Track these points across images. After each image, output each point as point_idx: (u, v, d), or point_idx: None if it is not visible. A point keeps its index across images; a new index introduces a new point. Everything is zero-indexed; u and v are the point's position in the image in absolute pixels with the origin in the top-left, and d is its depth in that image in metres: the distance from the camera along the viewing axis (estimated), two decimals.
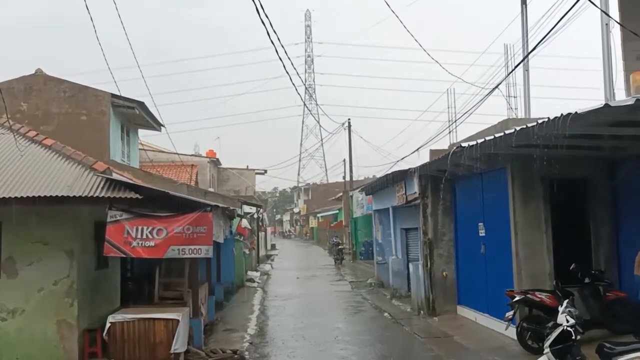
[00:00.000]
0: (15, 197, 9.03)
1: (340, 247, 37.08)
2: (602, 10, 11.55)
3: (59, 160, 10.78)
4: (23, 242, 9.82)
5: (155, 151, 28.68)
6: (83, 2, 9.17)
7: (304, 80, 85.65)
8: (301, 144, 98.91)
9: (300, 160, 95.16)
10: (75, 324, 9.86)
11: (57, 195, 9.11)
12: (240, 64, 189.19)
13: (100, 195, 9.35)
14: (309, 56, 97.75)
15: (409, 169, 16.07)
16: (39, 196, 9.07)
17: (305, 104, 64.26)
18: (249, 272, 26.65)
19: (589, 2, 8.83)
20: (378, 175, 30.35)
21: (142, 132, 22.82)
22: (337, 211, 53.98)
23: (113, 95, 17.77)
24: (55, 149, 11.18)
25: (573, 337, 6.89)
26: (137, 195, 9.44)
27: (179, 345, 9.91)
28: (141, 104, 18.72)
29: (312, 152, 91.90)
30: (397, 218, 19.96)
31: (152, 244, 9.87)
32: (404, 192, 16.87)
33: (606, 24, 12.89)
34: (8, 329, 9.72)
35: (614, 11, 13.90)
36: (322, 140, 77.44)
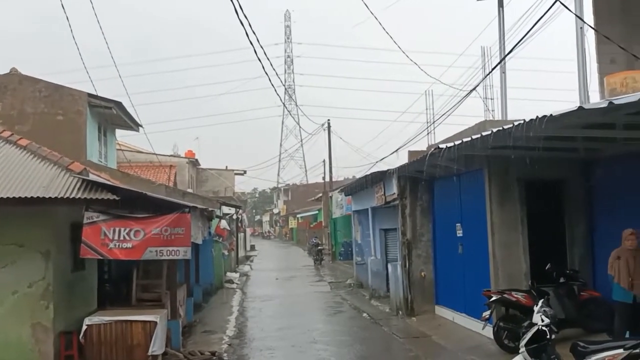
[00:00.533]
0: None
1: (319, 247, 37.11)
2: (576, 15, 11.74)
3: (35, 161, 10.62)
4: None
5: (133, 151, 28.45)
6: (58, 1, 9.07)
7: (283, 81, 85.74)
8: (281, 145, 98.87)
9: (280, 160, 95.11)
10: (51, 326, 9.71)
11: (32, 196, 8.98)
12: (219, 64, 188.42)
13: (77, 197, 9.24)
14: (288, 56, 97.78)
15: (388, 170, 16.15)
16: (14, 197, 8.93)
17: (284, 105, 64.32)
18: (228, 274, 26.54)
19: (564, 6, 8.96)
20: (358, 176, 30.47)
21: (119, 132, 22.63)
22: (317, 212, 54.00)
23: (90, 95, 17.58)
24: (30, 150, 11.01)
25: (548, 336, 6.98)
26: (114, 197, 9.35)
27: (156, 347, 9.84)
28: (118, 104, 18.55)
29: (291, 152, 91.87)
30: (376, 219, 20.05)
31: (129, 245, 9.78)
32: (383, 192, 16.96)
33: (581, 28, 13.09)
34: None
35: (589, 15, 14.13)
36: (301, 140, 77.43)
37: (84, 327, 9.77)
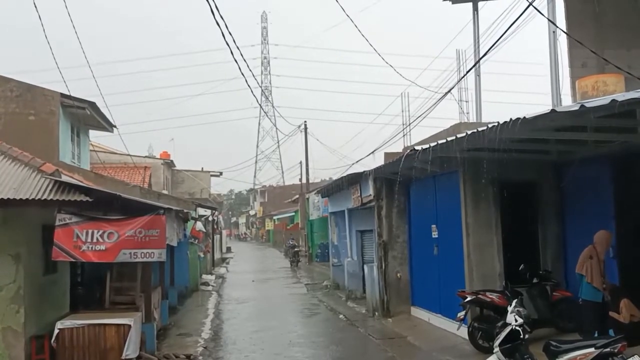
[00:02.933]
0: None
1: (296, 249, 37.05)
2: (548, 19, 11.92)
3: (5, 162, 10.43)
4: None
5: (106, 152, 28.09)
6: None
7: (260, 82, 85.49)
8: (257, 146, 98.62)
9: (256, 162, 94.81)
10: (22, 331, 9.55)
11: (2, 198, 8.82)
12: (195, 64, 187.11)
13: (49, 198, 9.10)
14: (265, 58, 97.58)
15: (364, 171, 16.21)
16: None
17: (261, 106, 64.16)
18: (204, 276, 26.36)
19: (537, 11, 9.09)
20: (334, 178, 30.54)
21: (93, 133, 22.34)
22: (294, 213, 53.96)
23: (63, 95, 17.30)
24: (0, 150, 10.82)
25: (521, 336, 7.07)
26: (87, 198, 9.23)
27: (130, 351, 9.73)
28: (92, 104, 18.31)
29: (268, 154, 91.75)
30: (352, 220, 20.09)
31: (102, 247, 9.68)
32: (359, 194, 17.01)
33: (553, 32, 13.31)
34: None
35: (561, 20, 14.38)
36: (278, 142, 77.36)
37: (56, 331, 9.63)
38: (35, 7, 9.43)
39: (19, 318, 9.55)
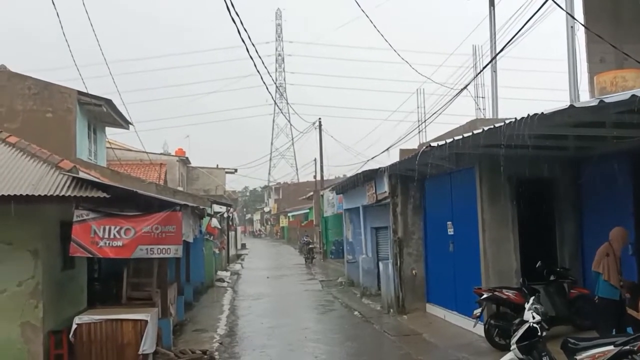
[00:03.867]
0: None
1: (310, 246, 37.11)
2: (567, 13, 11.79)
3: (24, 159, 10.52)
4: None
5: (123, 149, 28.29)
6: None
7: (274, 79, 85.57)
8: (272, 143, 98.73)
9: (270, 159, 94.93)
10: (40, 326, 9.63)
11: (21, 194, 8.90)
12: (210, 62, 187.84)
13: (66, 194, 9.16)
14: (279, 55, 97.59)
15: (379, 168, 16.17)
16: (2, 195, 8.84)
17: (276, 103, 64.16)
18: (219, 272, 26.49)
19: (555, 4, 8.99)
20: (349, 175, 30.43)
21: (109, 130, 22.51)
22: (308, 210, 54.01)
23: (79, 93, 17.45)
24: (19, 147, 10.91)
25: (539, 334, 7.01)
26: (105, 194, 9.28)
27: (147, 346, 9.78)
28: (108, 102, 18.45)
29: (282, 151, 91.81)
30: (367, 217, 20.06)
31: (119, 243, 9.73)
32: (374, 191, 16.97)
33: (571, 27, 13.15)
34: None
35: (579, 14, 14.20)
36: (292, 139, 77.40)
37: (74, 326, 9.68)
38: (55, 7, 9.51)
39: (37, 313, 9.63)
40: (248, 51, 11.22)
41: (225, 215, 32.28)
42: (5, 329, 9.50)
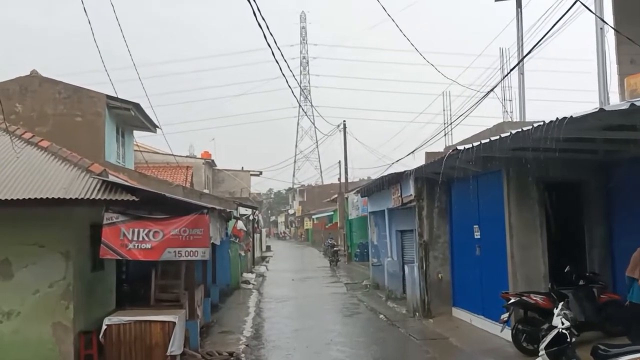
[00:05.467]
0: (12, 199, 9.01)
1: (335, 248, 37.07)
2: (596, 15, 11.63)
3: (55, 162, 10.74)
4: (19, 244, 9.76)
5: (150, 152, 28.65)
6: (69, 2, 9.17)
7: (299, 82, 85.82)
8: (296, 146, 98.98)
9: (295, 161, 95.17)
10: (71, 326, 9.82)
11: (53, 198, 9.09)
12: (235, 65, 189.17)
13: (97, 198, 9.33)
14: (304, 58, 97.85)
15: (405, 171, 16.12)
16: (35, 198, 9.05)
17: (300, 106, 64.30)
18: (245, 274, 26.64)
19: (585, 7, 8.88)
20: (373, 177, 30.44)
21: (136, 133, 22.79)
22: (332, 213, 54.01)
23: (108, 97, 17.72)
24: (51, 151, 11.15)
25: (568, 340, 6.95)
26: (134, 198, 9.43)
27: (175, 347, 9.90)
28: (137, 106, 18.68)
29: (307, 153, 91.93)
30: (392, 220, 20.00)
31: (148, 246, 9.87)
32: (399, 194, 16.92)
33: (601, 28, 12.99)
34: (3, 331, 9.66)
35: (609, 16, 14.01)
36: (317, 141, 77.36)
37: (104, 327, 9.85)
38: (86, 13, 9.68)
39: (68, 314, 9.82)
40: (274, 55, 11.28)
41: (251, 217, 32.47)
42: (37, 329, 9.71)
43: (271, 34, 10.44)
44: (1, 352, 9.59)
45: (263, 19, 9.89)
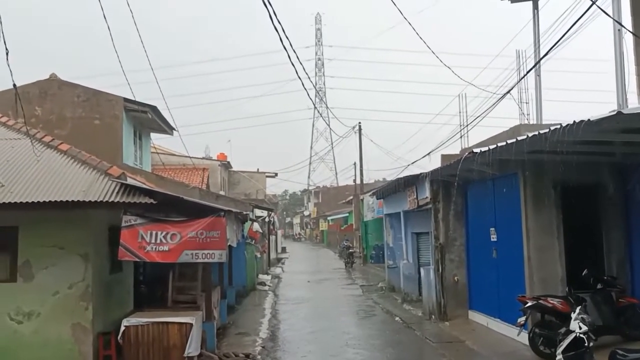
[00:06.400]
0: (32, 202, 9.16)
1: (350, 250, 37.04)
2: (614, 20, 11.54)
3: (75, 165, 10.89)
4: (39, 246, 9.93)
5: (166, 154, 28.87)
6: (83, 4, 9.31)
7: (314, 84, 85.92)
8: (311, 147, 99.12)
9: (310, 163, 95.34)
10: (90, 327, 9.95)
11: (73, 200, 9.22)
12: (252, 66, 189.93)
13: (116, 201, 9.45)
14: (319, 59, 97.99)
15: (421, 173, 16.09)
16: (55, 201, 9.18)
17: (315, 107, 64.39)
18: (260, 276, 26.75)
19: (601, 11, 8.82)
20: (388, 179, 30.37)
21: (153, 135, 22.98)
22: (348, 214, 54.02)
23: (126, 100, 17.92)
24: (70, 154, 11.30)
25: (586, 344, 6.91)
26: (152, 200, 9.53)
27: (192, 349, 9.98)
28: (154, 108, 18.86)
29: (322, 155, 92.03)
30: (408, 222, 19.98)
31: (165, 248, 9.97)
32: (415, 196, 16.89)
33: (618, 30, 12.88)
34: (24, 331, 9.82)
35: (627, 16, 13.87)
36: (332, 143, 77.54)
37: (122, 328, 9.96)
38: (105, 19, 9.82)
39: (87, 315, 9.95)
40: (290, 58, 11.32)
41: (266, 219, 32.59)
42: (56, 330, 9.85)
43: (287, 37, 10.51)
44: (22, 352, 9.75)
45: (279, 22, 9.95)
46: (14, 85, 8.30)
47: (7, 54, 7.01)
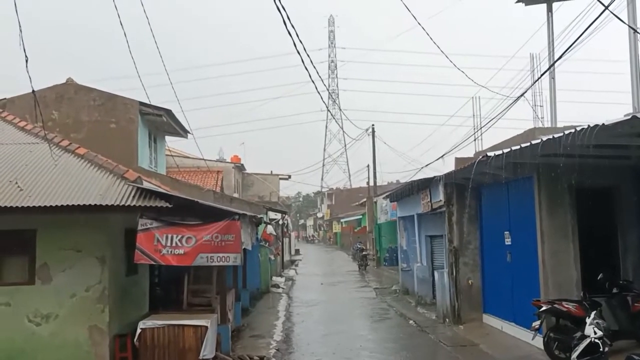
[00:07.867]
0: (51, 206, 9.28)
1: (364, 253, 37.03)
2: (629, 26, 11.48)
3: (92, 169, 11.02)
4: (57, 248, 10.07)
5: (181, 157, 29.05)
6: (93, 6, 9.42)
7: (327, 86, 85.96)
8: (324, 149, 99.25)
9: (323, 165, 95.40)
10: (107, 329, 10.06)
11: (90, 204, 9.33)
12: (264, 69, 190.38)
13: (132, 204, 9.55)
14: (332, 61, 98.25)
15: (435, 176, 16.08)
16: (73, 205, 9.30)
17: (328, 110, 64.50)
18: (274, 278, 26.81)
19: (615, 17, 8.78)
20: (402, 181, 30.31)
21: (168, 138, 23.16)
22: (361, 216, 53.98)
23: (141, 103, 18.10)
24: (87, 158, 11.43)
25: (601, 349, 6.89)
26: (168, 204, 9.62)
27: (207, 351, 10.06)
28: (168, 112, 19.02)
29: (335, 157, 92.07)
30: (422, 225, 19.95)
31: (181, 251, 10.05)
32: (429, 199, 16.88)
33: (634, 32, 12.80)
34: (42, 333, 9.95)
35: None
36: (345, 145, 77.56)
37: (138, 331, 10.06)
38: (121, 25, 9.94)
39: (104, 317, 10.07)
40: (303, 62, 11.37)
41: (280, 221, 32.67)
42: (73, 332, 9.97)
43: (300, 41, 10.56)
44: (39, 354, 9.88)
45: (293, 26, 10.01)
46: (33, 91, 8.43)
47: (26, 61, 7.12)
